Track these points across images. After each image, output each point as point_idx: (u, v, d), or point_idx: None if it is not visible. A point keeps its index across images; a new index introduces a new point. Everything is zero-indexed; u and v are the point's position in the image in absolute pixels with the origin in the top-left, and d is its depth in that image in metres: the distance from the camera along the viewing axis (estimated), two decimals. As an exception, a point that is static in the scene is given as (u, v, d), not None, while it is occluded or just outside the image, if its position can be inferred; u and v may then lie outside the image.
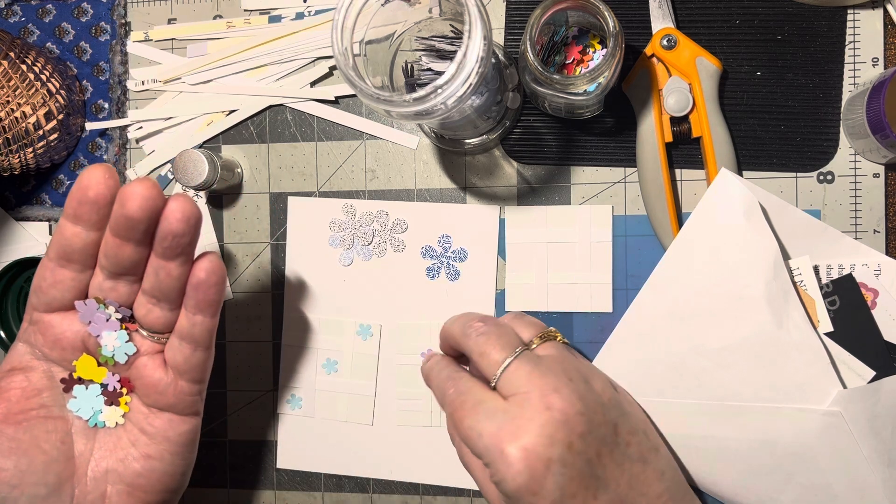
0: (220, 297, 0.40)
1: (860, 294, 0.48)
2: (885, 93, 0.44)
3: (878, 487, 0.46)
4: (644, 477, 0.40)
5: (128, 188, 0.36)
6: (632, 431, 0.41)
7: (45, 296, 0.40)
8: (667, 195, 0.49)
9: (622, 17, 0.51)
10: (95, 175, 0.37)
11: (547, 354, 0.42)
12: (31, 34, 0.59)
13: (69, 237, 0.38)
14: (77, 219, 0.38)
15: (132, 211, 0.36)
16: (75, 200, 0.37)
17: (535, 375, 0.39)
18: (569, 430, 0.37)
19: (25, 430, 0.40)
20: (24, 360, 0.41)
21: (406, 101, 0.38)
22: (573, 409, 0.38)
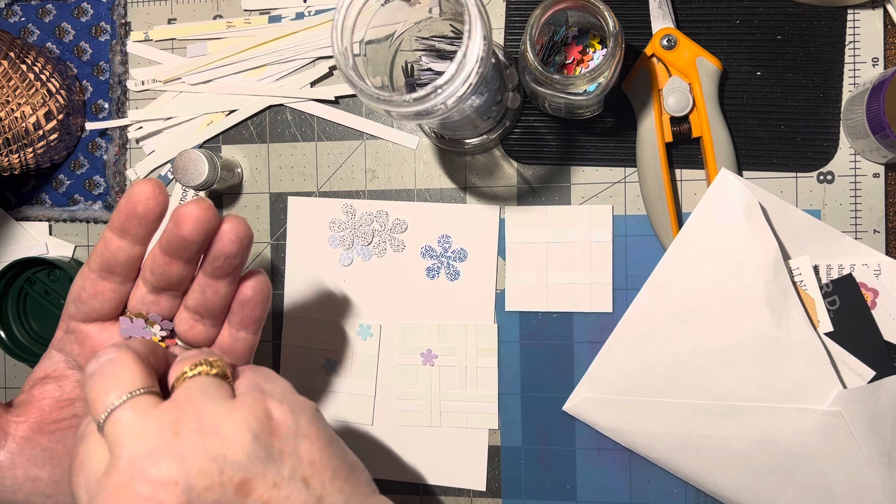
0: (264, 314, 0.41)
1: (860, 294, 0.48)
2: (885, 93, 0.44)
3: (877, 487, 0.46)
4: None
5: (183, 209, 0.36)
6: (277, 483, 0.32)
7: (84, 306, 0.39)
8: (667, 195, 0.49)
9: (622, 17, 0.51)
10: (145, 190, 0.36)
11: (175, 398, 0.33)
12: (31, 34, 0.59)
13: (114, 250, 0.38)
14: (124, 232, 0.37)
15: (187, 232, 0.36)
16: (124, 214, 0.37)
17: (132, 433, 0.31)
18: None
19: (59, 439, 0.39)
20: (59, 368, 0.41)
21: (406, 101, 0.38)
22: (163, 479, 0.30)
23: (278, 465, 0.33)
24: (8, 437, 0.38)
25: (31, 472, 0.38)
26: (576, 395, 0.52)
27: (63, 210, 0.59)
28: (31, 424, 0.39)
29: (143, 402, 0.33)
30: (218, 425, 0.32)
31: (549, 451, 0.53)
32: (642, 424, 0.50)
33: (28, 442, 0.38)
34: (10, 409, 0.39)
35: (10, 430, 0.38)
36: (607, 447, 0.52)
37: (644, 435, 0.50)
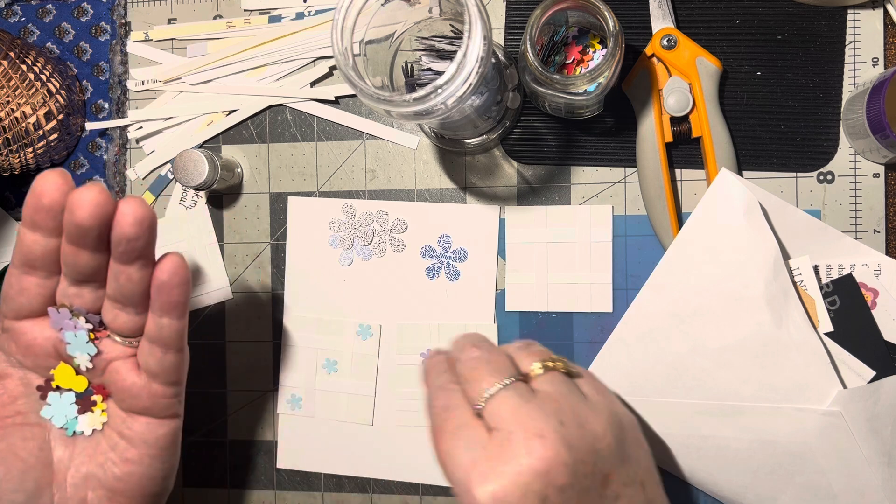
0: (185, 298, 0.40)
1: (860, 294, 0.48)
2: (885, 93, 0.44)
3: (877, 487, 0.46)
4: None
5: (75, 195, 0.36)
6: (626, 483, 0.36)
7: (13, 303, 0.40)
8: (667, 195, 0.49)
9: (622, 17, 0.51)
10: (49, 181, 0.36)
11: (542, 390, 0.37)
12: (31, 34, 0.59)
13: (29, 244, 0.38)
14: (34, 226, 0.37)
15: (81, 218, 0.36)
16: (31, 208, 0.37)
17: (522, 413, 0.35)
18: (547, 481, 0.33)
19: (1, 438, 0.40)
20: (0, 367, 0.41)
21: (406, 101, 0.38)
22: (557, 459, 0.34)
23: (628, 468, 0.37)
24: None
25: None
26: (576, 395, 0.52)
27: (63, 210, 0.59)
28: None
29: (524, 389, 0.37)
30: (590, 422, 0.36)
31: (549, 451, 0.53)
32: (642, 424, 0.50)
33: None
34: None
35: None
36: (607, 447, 0.52)
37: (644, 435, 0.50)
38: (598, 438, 0.36)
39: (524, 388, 0.37)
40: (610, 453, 0.36)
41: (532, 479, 0.33)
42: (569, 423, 0.35)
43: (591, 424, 0.36)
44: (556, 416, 0.35)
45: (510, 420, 0.35)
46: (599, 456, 0.35)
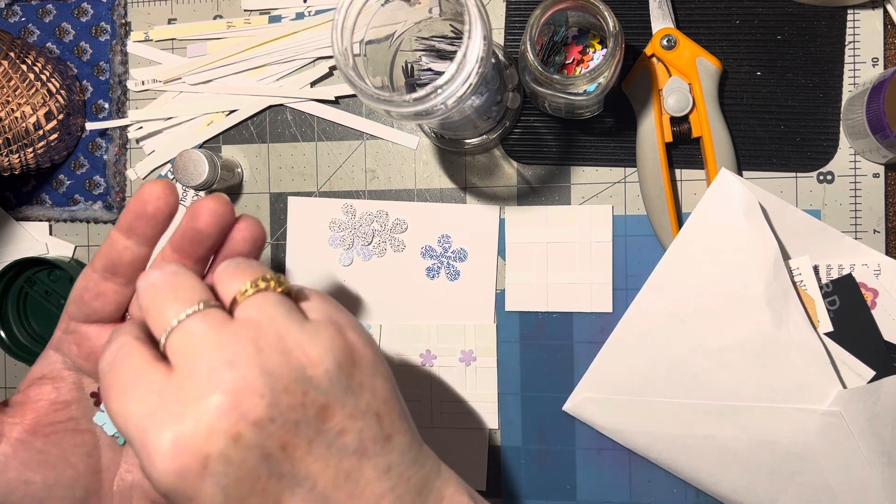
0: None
1: (860, 294, 0.48)
2: (885, 93, 0.44)
3: (877, 487, 0.46)
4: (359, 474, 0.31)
5: (201, 202, 0.36)
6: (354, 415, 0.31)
7: (85, 307, 0.39)
8: (667, 195, 0.49)
9: (622, 17, 0.51)
10: (156, 190, 0.36)
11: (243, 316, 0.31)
12: (31, 34, 0.59)
13: (120, 250, 0.37)
14: (131, 232, 0.37)
15: (203, 224, 0.36)
16: (132, 213, 0.36)
17: (208, 343, 0.30)
18: (238, 417, 0.29)
19: (54, 442, 0.39)
20: (56, 369, 0.40)
21: (406, 101, 0.38)
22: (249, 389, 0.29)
23: (356, 398, 0.32)
24: (2, 438, 0.38)
25: (24, 476, 0.38)
26: (576, 395, 0.52)
27: (63, 210, 0.59)
28: (26, 427, 0.38)
29: (216, 316, 0.31)
30: (302, 347, 0.31)
31: (549, 451, 0.53)
32: (642, 424, 0.50)
33: (22, 444, 0.38)
34: (6, 409, 0.39)
35: (4, 431, 0.38)
36: (607, 447, 0.52)
37: (644, 435, 0.50)
38: (311, 364, 0.31)
39: (217, 314, 0.31)
40: (329, 381, 0.31)
41: (218, 416, 0.28)
42: (269, 348, 0.30)
43: (302, 349, 0.31)
44: (254, 342, 0.30)
45: (194, 353, 0.30)
46: (312, 384, 0.30)
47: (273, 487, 0.30)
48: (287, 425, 0.30)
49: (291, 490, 0.30)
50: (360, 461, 0.31)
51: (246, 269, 0.33)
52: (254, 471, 0.29)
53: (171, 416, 0.29)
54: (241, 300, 0.32)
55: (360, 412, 0.32)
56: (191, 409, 0.29)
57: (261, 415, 0.29)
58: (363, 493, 0.31)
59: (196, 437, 0.28)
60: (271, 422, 0.29)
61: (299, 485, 0.30)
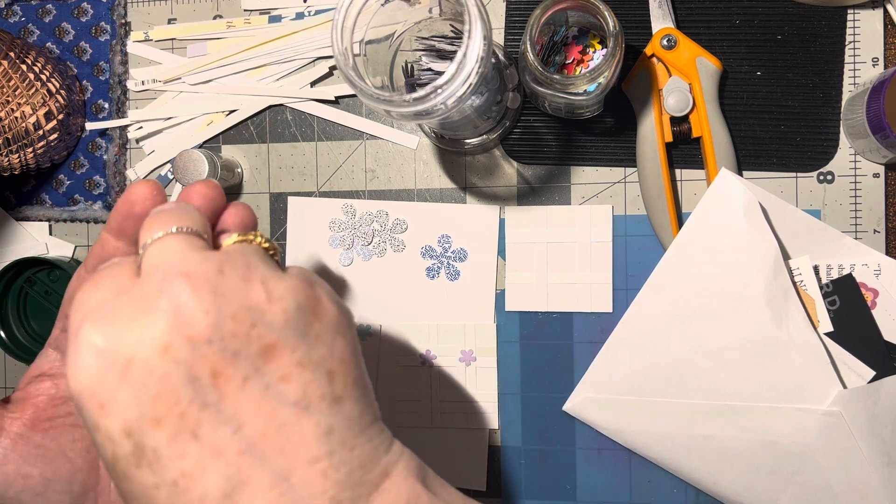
0: None
1: (860, 294, 0.48)
2: (885, 93, 0.44)
3: (877, 487, 0.46)
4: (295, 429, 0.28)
5: (191, 187, 0.36)
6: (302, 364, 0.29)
7: None
8: (667, 195, 0.49)
9: (622, 17, 0.51)
10: (143, 190, 0.36)
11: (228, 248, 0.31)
12: (31, 34, 0.59)
13: (110, 251, 0.37)
14: (121, 233, 0.37)
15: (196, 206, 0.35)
16: (121, 215, 0.36)
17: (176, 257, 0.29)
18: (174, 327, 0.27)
19: (52, 437, 0.39)
20: (55, 366, 0.41)
21: (406, 101, 0.38)
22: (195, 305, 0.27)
23: (310, 347, 0.29)
24: (2, 433, 0.38)
25: (23, 469, 0.38)
26: (576, 395, 0.52)
27: (63, 210, 0.59)
28: (26, 421, 0.39)
29: (196, 241, 0.30)
30: (266, 282, 0.29)
31: (549, 451, 0.53)
32: (642, 424, 0.50)
33: (21, 439, 0.38)
34: (6, 405, 0.39)
35: (4, 425, 0.38)
36: (607, 447, 0.52)
37: (644, 435, 0.50)
38: (269, 299, 0.29)
39: (198, 241, 0.30)
40: (283, 321, 0.29)
41: (152, 321, 0.27)
42: (231, 272, 0.29)
43: (265, 284, 0.29)
44: (218, 264, 0.29)
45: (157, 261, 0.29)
46: (263, 319, 0.28)
47: (192, 415, 0.27)
48: (224, 353, 0.27)
49: (213, 425, 0.27)
50: (299, 415, 0.28)
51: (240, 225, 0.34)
52: (175, 390, 0.27)
53: (111, 314, 0.27)
54: (225, 243, 0.32)
55: (310, 363, 0.29)
56: (130, 310, 0.27)
57: (198, 332, 0.27)
58: (295, 451, 0.28)
59: (125, 339, 0.27)
60: (208, 343, 0.27)
61: (224, 422, 0.27)
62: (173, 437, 0.27)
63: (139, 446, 0.27)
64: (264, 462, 0.27)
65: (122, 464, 0.27)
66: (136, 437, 0.27)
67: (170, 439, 0.27)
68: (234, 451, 0.27)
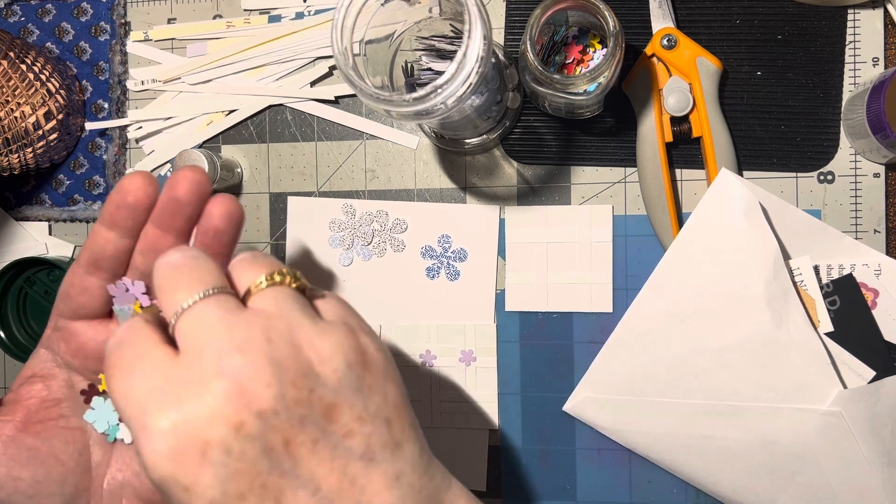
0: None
1: (860, 294, 0.48)
2: (886, 93, 0.44)
3: (877, 487, 0.46)
4: (366, 481, 0.30)
5: (178, 173, 0.36)
6: (361, 418, 0.30)
7: (72, 302, 0.39)
8: (667, 195, 0.49)
9: (622, 16, 0.51)
10: (136, 181, 0.36)
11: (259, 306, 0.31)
12: (30, 34, 0.59)
13: (101, 243, 0.37)
14: (113, 224, 0.37)
15: (181, 193, 0.36)
16: (113, 205, 0.37)
17: (219, 327, 0.29)
18: (242, 405, 0.27)
19: (44, 440, 0.39)
20: (46, 367, 0.40)
21: (406, 100, 0.38)
22: (257, 378, 0.28)
23: (366, 400, 0.30)
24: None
25: (14, 472, 0.38)
26: (576, 395, 0.52)
27: (63, 210, 0.59)
28: (17, 424, 0.38)
29: (229, 301, 0.30)
30: (312, 343, 0.30)
31: (549, 451, 0.53)
32: (642, 424, 0.50)
33: (13, 441, 0.38)
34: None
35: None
36: (607, 447, 0.52)
37: (644, 435, 0.50)
38: (320, 361, 0.30)
39: (230, 301, 0.30)
40: (337, 380, 0.30)
41: (224, 401, 0.27)
42: (279, 339, 0.29)
43: (312, 345, 0.30)
44: (264, 332, 0.29)
45: (203, 336, 0.29)
46: (320, 381, 0.29)
47: (274, 484, 0.28)
48: (292, 420, 0.28)
49: (294, 490, 0.28)
50: (367, 467, 0.30)
51: (262, 262, 0.33)
52: (254, 464, 0.28)
53: (172, 398, 0.28)
54: (255, 291, 0.31)
55: (369, 415, 0.30)
56: (194, 393, 0.28)
57: (266, 406, 0.28)
58: (370, 502, 0.29)
59: (197, 422, 0.27)
60: (276, 414, 0.28)
61: (302, 486, 0.29)
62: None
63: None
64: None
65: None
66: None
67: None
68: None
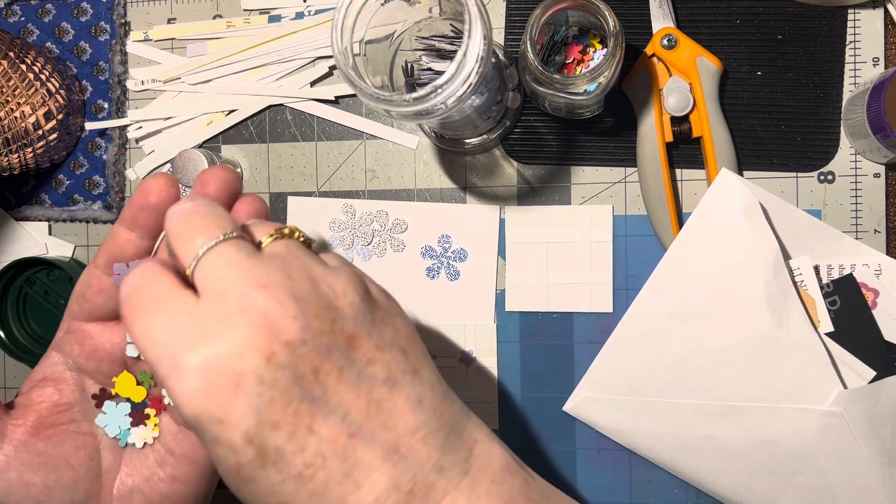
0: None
1: (860, 294, 0.48)
2: (886, 92, 0.44)
3: (878, 487, 0.46)
4: (391, 405, 0.31)
5: (208, 171, 0.37)
6: (380, 346, 0.31)
7: (88, 303, 0.39)
8: (667, 195, 0.49)
9: (622, 16, 0.51)
10: (158, 182, 0.37)
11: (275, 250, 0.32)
12: (30, 34, 0.59)
13: (122, 244, 0.38)
14: (134, 224, 0.37)
15: (212, 191, 0.36)
16: (136, 205, 0.37)
17: (240, 267, 0.30)
18: (271, 336, 0.28)
19: (55, 444, 0.39)
20: (57, 370, 0.40)
21: (406, 100, 0.38)
22: (282, 311, 0.29)
23: (380, 330, 0.32)
24: (5, 440, 0.37)
25: (25, 477, 0.38)
26: (576, 395, 0.52)
27: (63, 210, 0.59)
28: (28, 428, 0.38)
29: (246, 245, 0.31)
30: (326, 281, 0.31)
31: (549, 451, 0.53)
32: (642, 425, 0.50)
33: (24, 446, 0.38)
34: (9, 411, 0.39)
35: (7, 432, 0.38)
36: (607, 447, 0.52)
37: (644, 435, 0.50)
38: (336, 296, 0.31)
39: (247, 244, 0.31)
40: (354, 312, 0.31)
41: (253, 334, 0.28)
42: (298, 276, 0.30)
43: (326, 282, 0.31)
44: (283, 270, 0.30)
45: (226, 276, 0.29)
46: (340, 314, 0.31)
47: (305, 412, 0.29)
48: (318, 349, 0.29)
49: (324, 416, 0.29)
50: (391, 391, 0.31)
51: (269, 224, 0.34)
52: (286, 392, 0.29)
53: (202, 335, 0.28)
54: (266, 242, 0.32)
55: (385, 344, 0.32)
56: (223, 329, 0.28)
57: (293, 336, 0.29)
58: (396, 424, 0.31)
59: (229, 355, 0.28)
60: (303, 343, 0.29)
61: (332, 412, 0.30)
62: (291, 435, 0.29)
63: (262, 450, 0.28)
64: (373, 440, 0.30)
65: (247, 469, 0.29)
66: (258, 441, 0.28)
67: (289, 437, 0.29)
68: (345, 435, 0.29)
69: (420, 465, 0.30)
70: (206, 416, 0.28)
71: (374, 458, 0.30)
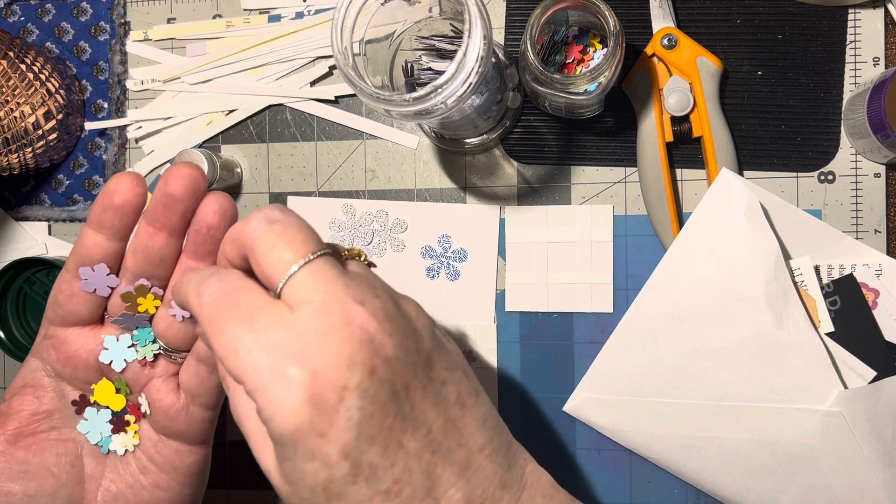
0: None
1: (861, 294, 0.48)
2: (886, 92, 0.44)
3: (878, 488, 0.46)
4: (463, 423, 0.32)
5: (173, 168, 0.36)
6: (449, 368, 0.32)
7: (61, 309, 0.38)
8: (667, 195, 0.49)
9: (622, 16, 0.51)
10: (123, 182, 0.36)
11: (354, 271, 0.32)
12: (30, 34, 0.59)
13: (90, 246, 0.37)
14: (100, 226, 0.36)
15: (176, 188, 0.35)
16: (100, 206, 0.36)
17: (337, 283, 0.30)
18: (373, 351, 0.29)
19: (35, 453, 0.38)
20: (37, 376, 0.40)
21: (406, 100, 0.38)
22: (381, 328, 0.29)
23: (447, 354, 0.33)
24: None
25: (5, 487, 0.37)
26: (576, 395, 0.52)
27: (62, 210, 0.59)
28: (8, 437, 0.38)
29: (337, 263, 0.31)
30: (402, 303, 0.32)
31: (549, 451, 0.53)
32: (643, 425, 0.50)
33: (3, 455, 0.38)
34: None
35: None
36: (607, 447, 0.52)
37: (644, 435, 0.50)
38: (414, 318, 0.32)
39: (333, 261, 0.31)
40: (428, 335, 0.32)
41: (357, 348, 0.28)
42: (384, 297, 0.31)
43: (405, 304, 0.32)
44: (373, 289, 0.31)
45: (325, 290, 0.29)
46: (419, 335, 0.31)
47: (397, 427, 0.29)
48: (408, 367, 0.30)
49: (413, 432, 0.30)
50: (462, 411, 0.32)
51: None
52: (385, 406, 0.29)
53: (306, 347, 0.28)
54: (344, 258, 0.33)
55: (452, 366, 0.33)
56: (329, 342, 0.28)
57: (391, 353, 0.29)
58: (467, 443, 0.31)
59: (336, 368, 0.28)
60: (398, 360, 0.29)
61: (418, 428, 0.30)
62: (384, 450, 0.29)
63: (356, 464, 0.29)
64: (449, 457, 0.31)
65: (337, 485, 0.29)
66: (354, 456, 0.28)
67: (382, 452, 0.29)
68: (429, 452, 0.30)
69: (489, 480, 0.32)
70: (307, 428, 0.28)
71: (451, 475, 0.30)
